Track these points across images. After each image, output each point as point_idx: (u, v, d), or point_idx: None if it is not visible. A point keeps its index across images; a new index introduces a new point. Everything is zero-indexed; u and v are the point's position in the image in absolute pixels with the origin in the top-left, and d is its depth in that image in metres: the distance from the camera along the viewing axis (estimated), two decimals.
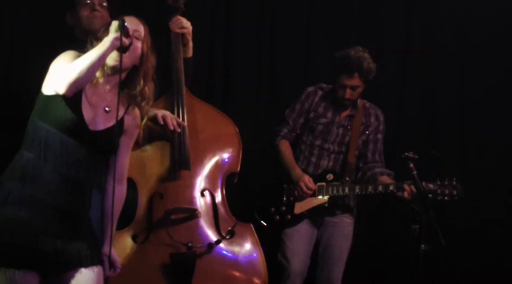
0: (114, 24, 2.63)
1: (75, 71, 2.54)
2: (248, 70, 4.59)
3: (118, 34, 2.60)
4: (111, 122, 2.70)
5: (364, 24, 4.77)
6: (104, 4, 3.66)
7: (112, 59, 2.66)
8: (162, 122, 3.38)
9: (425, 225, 3.60)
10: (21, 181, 2.59)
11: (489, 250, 4.54)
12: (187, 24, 3.63)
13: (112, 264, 2.85)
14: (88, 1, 3.59)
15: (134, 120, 2.87)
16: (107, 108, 2.71)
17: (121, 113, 2.76)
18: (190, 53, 3.71)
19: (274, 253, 3.96)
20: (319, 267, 4.08)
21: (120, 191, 2.91)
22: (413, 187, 3.75)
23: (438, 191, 3.79)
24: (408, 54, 4.79)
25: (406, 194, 3.80)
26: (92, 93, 2.69)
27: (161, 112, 3.39)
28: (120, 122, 2.75)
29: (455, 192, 3.80)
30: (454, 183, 3.80)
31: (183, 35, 3.63)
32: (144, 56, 2.78)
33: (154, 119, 3.37)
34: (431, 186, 3.79)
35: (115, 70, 2.69)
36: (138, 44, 2.75)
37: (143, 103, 2.84)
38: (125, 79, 2.76)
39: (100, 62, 2.59)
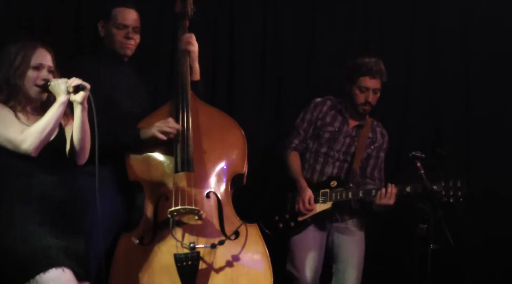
0: (61, 85, 2.91)
1: (41, 135, 2.87)
2: (251, 75, 4.60)
3: (67, 98, 2.91)
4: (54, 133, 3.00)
5: (367, 26, 4.76)
6: (137, 28, 3.72)
7: (35, 93, 2.98)
8: (166, 138, 3.47)
9: (433, 224, 3.58)
10: (24, 201, 2.90)
11: (498, 248, 4.50)
12: (194, 42, 3.69)
13: None
14: (123, 26, 3.65)
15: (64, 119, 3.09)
16: None
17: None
18: (196, 76, 3.74)
19: (281, 260, 3.92)
20: (334, 276, 4.03)
21: None
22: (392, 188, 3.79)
23: (443, 193, 3.75)
24: (412, 57, 4.77)
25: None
26: (27, 118, 2.99)
27: (155, 131, 3.46)
28: (61, 129, 3.06)
29: (459, 193, 3.75)
30: (459, 184, 3.75)
31: (190, 53, 3.68)
32: None
33: (153, 138, 3.47)
34: (435, 187, 3.74)
35: (39, 98, 3.01)
36: (51, 78, 2.99)
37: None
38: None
39: (58, 122, 2.94)
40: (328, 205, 3.95)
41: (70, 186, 3.04)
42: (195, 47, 3.71)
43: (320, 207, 3.96)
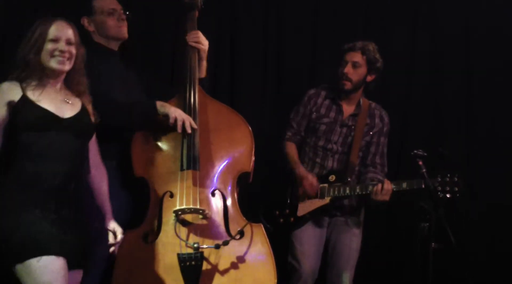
0: None
1: None
2: (254, 72, 4.62)
3: None
4: (76, 110, 3.03)
5: (368, 26, 4.77)
6: (126, 12, 3.67)
7: (54, 63, 2.95)
8: (172, 123, 3.42)
9: (435, 223, 3.59)
10: (28, 187, 2.86)
11: (499, 247, 4.54)
12: (204, 41, 3.65)
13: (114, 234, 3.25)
14: (112, 10, 3.61)
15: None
16: (67, 100, 3.02)
17: (79, 103, 3.08)
18: (203, 73, 3.71)
19: (282, 255, 3.95)
20: (329, 267, 4.10)
21: (103, 173, 3.28)
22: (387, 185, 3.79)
23: (439, 188, 3.74)
24: (413, 56, 4.78)
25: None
26: (40, 94, 2.94)
27: (174, 112, 3.42)
28: (84, 109, 3.08)
29: (456, 189, 3.74)
30: (456, 179, 3.75)
31: (198, 50, 3.64)
32: (76, 57, 3.03)
33: (166, 116, 3.43)
34: (431, 183, 3.72)
35: (58, 73, 2.99)
36: (72, 50, 2.99)
37: (84, 95, 3.11)
38: (66, 78, 3.06)
39: None
40: (326, 201, 3.97)
41: (81, 176, 3.05)
42: (204, 45, 3.66)
43: (319, 203, 3.98)
